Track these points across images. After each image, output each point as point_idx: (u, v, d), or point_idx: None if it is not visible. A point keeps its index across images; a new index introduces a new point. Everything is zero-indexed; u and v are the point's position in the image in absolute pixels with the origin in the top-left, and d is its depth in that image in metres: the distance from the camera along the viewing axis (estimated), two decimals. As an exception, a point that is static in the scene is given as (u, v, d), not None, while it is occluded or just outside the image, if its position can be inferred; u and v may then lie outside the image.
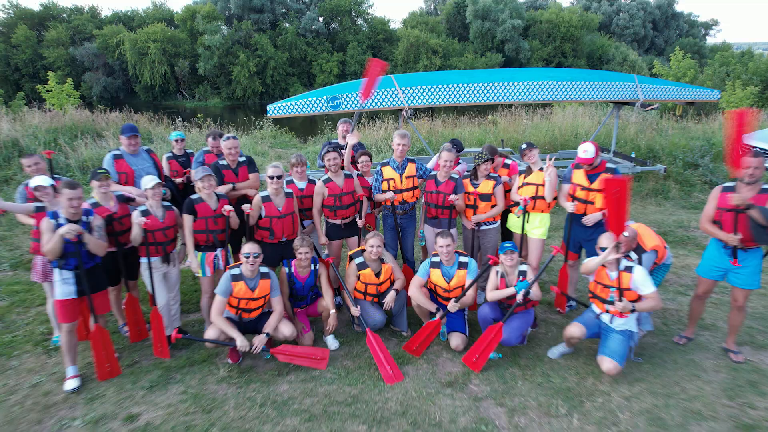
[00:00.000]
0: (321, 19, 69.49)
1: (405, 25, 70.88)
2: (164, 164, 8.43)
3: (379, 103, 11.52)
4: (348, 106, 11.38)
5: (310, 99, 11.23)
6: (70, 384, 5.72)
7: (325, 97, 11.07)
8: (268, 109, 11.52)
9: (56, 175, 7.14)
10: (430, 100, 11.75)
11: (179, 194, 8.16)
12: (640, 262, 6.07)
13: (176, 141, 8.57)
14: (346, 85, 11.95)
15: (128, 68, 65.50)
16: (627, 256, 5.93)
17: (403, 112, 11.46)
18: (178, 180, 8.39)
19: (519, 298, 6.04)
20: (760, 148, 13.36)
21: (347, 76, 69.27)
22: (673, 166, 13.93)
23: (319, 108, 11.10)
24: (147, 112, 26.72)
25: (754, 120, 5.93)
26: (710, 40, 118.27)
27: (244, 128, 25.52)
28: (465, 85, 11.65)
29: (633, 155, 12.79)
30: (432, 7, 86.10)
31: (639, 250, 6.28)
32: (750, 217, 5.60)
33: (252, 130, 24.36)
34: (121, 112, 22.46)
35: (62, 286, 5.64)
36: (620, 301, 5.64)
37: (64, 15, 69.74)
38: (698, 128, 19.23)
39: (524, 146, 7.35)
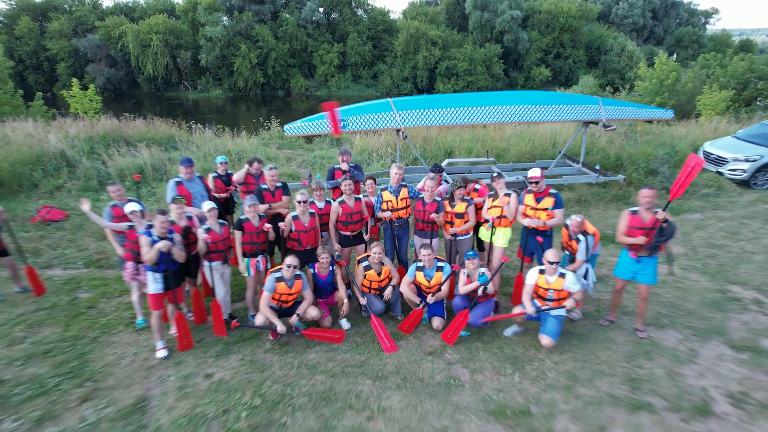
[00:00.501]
0: (321, 10, 70.83)
1: (405, 16, 72.26)
2: (210, 183, 10.76)
3: (379, 125, 13.83)
4: (354, 126, 13.64)
5: (321, 120, 13.47)
6: (161, 353, 8.13)
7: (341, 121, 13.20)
8: (285, 128, 13.78)
9: (131, 198, 9.51)
10: (422, 122, 14.08)
11: (223, 208, 10.52)
12: (586, 242, 8.50)
13: (220, 164, 10.89)
14: (353, 109, 14.12)
15: (131, 60, 67.18)
16: (576, 238, 8.46)
17: (400, 134, 13.70)
18: (222, 195, 10.73)
19: (479, 291, 8.50)
20: (717, 156, 15.49)
21: (347, 67, 71.05)
22: (636, 173, 15.92)
23: (329, 128, 13.28)
24: (157, 110, 28.85)
25: (699, 168, 7.98)
26: (710, 29, 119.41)
27: (254, 128, 27.49)
28: (454, 109, 13.95)
29: (597, 167, 15.00)
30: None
31: (584, 233, 8.68)
32: (659, 231, 7.90)
33: (260, 131, 26.31)
34: (145, 119, 24.49)
35: (154, 283, 8.03)
36: (557, 299, 8.07)
37: (65, 6, 71.00)
38: (672, 131, 21.29)
39: (495, 175, 9.72)
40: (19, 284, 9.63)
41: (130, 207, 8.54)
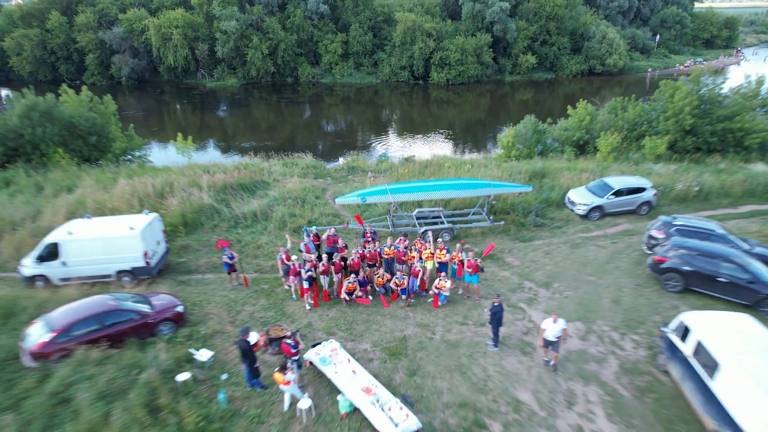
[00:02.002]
0: (325, 2, 77.36)
1: (402, 8, 78.86)
2: (310, 244, 19.62)
3: (378, 200, 21.95)
4: (370, 201, 21.56)
5: (353, 197, 21.44)
6: (308, 306, 16.03)
7: (360, 197, 21.19)
8: (336, 200, 21.67)
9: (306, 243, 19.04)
10: (403, 198, 22.46)
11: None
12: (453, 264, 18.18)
13: (308, 234, 19.86)
14: (368, 192, 21.67)
15: (152, 51, 74.65)
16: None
17: (391, 206, 22.23)
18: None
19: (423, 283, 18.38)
20: (570, 199, 23.75)
21: (350, 56, 78.48)
22: (517, 215, 21.69)
23: (356, 199, 21.40)
24: (183, 102, 37.52)
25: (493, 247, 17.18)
26: (700, 5, 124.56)
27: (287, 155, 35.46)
28: (422, 193, 22.13)
29: (491, 217, 22.85)
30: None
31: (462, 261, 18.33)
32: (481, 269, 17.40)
33: (293, 157, 33.66)
34: (254, 156, 33.08)
35: (305, 283, 17.43)
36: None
37: (88, -2, 77.53)
38: (573, 166, 29.07)
39: (424, 235, 19.28)
40: (232, 284, 16.92)
41: (309, 257, 17.79)
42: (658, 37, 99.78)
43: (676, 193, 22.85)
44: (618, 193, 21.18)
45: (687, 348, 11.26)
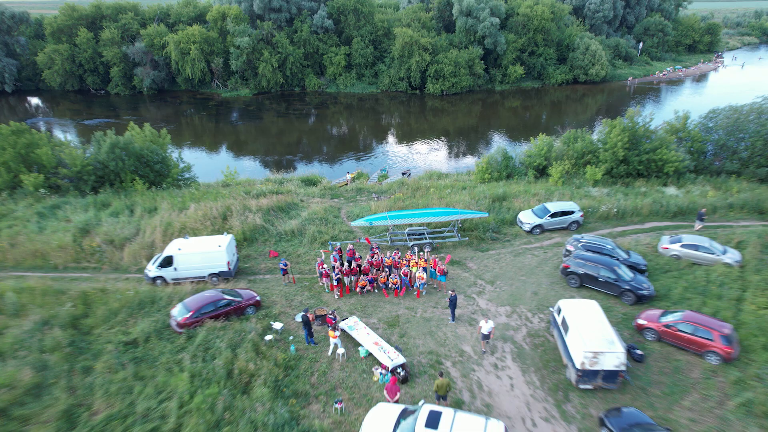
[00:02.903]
0: (330, 17, 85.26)
1: (401, 23, 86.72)
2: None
3: (381, 223, 30.52)
4: (375, 223, 30.17)
5: (363, 221, 29.97)
6: (336, 295, 26.35)
7: (368, 222, 29.63)
8: (351, 223, 30.82)
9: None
10: (400, 222, 31.23)
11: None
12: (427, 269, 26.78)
13: (333, 247, 28.51)
14: (373, 217, 30.33)
15: (171, 63, 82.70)
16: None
17: (389, 228, 31.00)
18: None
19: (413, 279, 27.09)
20: (520, 219, 32.54)
21: (353, 67, 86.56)
22: (479, 232, 31.81)
23: (365, 223, 30.05)
24: (202, 114, 46.04)
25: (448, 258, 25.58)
26: (685, 10, 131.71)
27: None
28: (411, 218, 30.62)
29: (459, 235, 31.57)
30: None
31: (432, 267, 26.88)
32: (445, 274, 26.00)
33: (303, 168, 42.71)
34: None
35: (334, 281, 26.24)
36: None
37: (110, 13, 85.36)
38: (530, 189, 38.35)
39: (415, 249, 27.86)
40: (285, 282, 25.79)
41: (336, 265, 26.34)
42: (641, 44, 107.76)
43: (600, 213, 31.47)
44: (554, 214, 29.83)
45: (559, 319, 19.98)
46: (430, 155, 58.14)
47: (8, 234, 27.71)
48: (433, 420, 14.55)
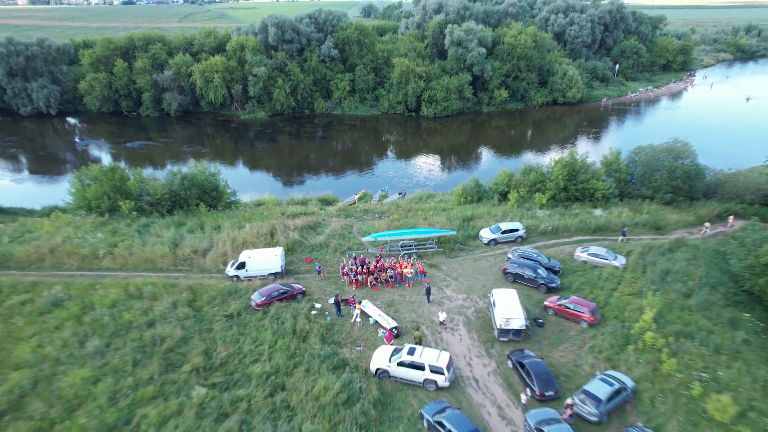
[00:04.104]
0: (335, 47, 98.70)
1: (398, 51, 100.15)
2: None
3: (383, 239, 43.78)
4: (379, 238, 43.45)
5: (371, 238, 43.36)
6: (353, 289, 40.01)
7: (373, 238, 43.00)
8: (362, 238, 44.10)
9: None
10: (396, 238, 44.49)
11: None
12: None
13: (349, 256, 41.73)
14: (377, 234, 43.82)
15: (196, 89, 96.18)
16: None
17: (387, 246, 44.30)
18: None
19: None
20: (479, 234, 45.98)
21: (356, 92, 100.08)
22: (450, 244, 45.34)
23: (372, 239, 43.39)
24: (226, 136, 59.86)
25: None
26: (666, 27, 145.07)
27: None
28: (404, 235, 43.89)
29: (436, 245, 44.81)
30: (421, 22, 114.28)
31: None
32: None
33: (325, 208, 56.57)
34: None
35: (351, 276, 39.75)
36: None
37: (141, 44, 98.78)
38: (492, 211, 51.76)
39: (404, 254, 41.26)
40: (319, 278, 39.57)
41: (353, 268, 39.56)
42: (617, 66, 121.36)
43: (540, 230, 44.91)
44: (504, 231, 43.28)
45: (491, 301, 33.38)
46: (423, 173, 71.67)
47: (124, 246, 41.08)
48: (411, 351, 27.95)
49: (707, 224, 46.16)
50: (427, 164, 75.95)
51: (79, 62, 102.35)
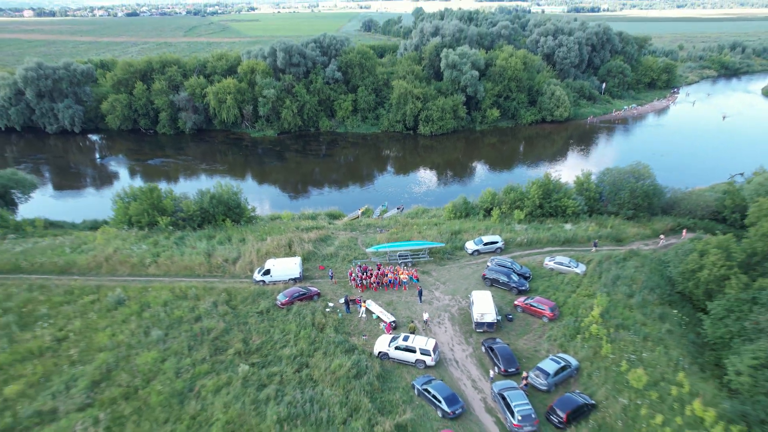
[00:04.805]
0: (339, 69, 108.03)
1: (397, 74, 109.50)
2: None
3: (384, 250, 52.87)
4: (382, 249, 52.37)
5: (374, 249, 52.29)
6: (359, 293, 48.84)
7: (375, 249, 51.92)
8: (366, 250, 52.94)
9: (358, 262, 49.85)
10: (395, 249, 53.30)
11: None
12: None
13: (355, 264, 50.62)
14: (381, 246, 52.81)
15: (209, 109, 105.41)
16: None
17: (387, 256, 53.16)
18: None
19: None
20: (464, 245, 54.74)
21: (358, 111, 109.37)
22: (440, 254, 54.20)
23: (374, 250, 52.32)
24: (238, 153, 69.06)
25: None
26: (655, 43, 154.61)
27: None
28: (401, 247, 52.78)
29: (427, 255, 53.67)
30: (419, 44, 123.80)
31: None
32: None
33: (334, 222, 65.61)
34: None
35: (358, 281, 48.71)
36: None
37: (158, 66, 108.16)
38: (478, 225, 60.70)
39: (401, 262, 50.11)
40: (331, 282, 48.45)
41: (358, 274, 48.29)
42: (604, 84, 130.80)
43: (516, 242, 53.78)
44: (486, 243, 52.17)
45: (471, 300, 42.18)
46: (421, 188, 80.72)
47: (166, 256, 49.88)
48: (406, 338, 36.73)
49: (662, 236, 55.12)
50: (424, 179, 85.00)
51: (98, 82, 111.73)
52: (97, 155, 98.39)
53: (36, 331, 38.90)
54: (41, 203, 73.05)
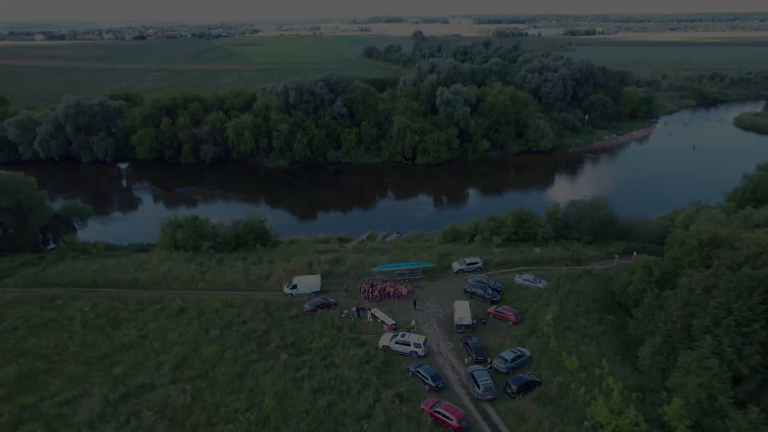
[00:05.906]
0: (344, 105, 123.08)
1: (397, 110, 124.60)
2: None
3: (385, 269, 66.85)
4: (382, 269, 66.49)
5: (378, 269, 66.35)
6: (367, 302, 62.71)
7: (380, 268, 66.02)
8: (372, 269, 66.98)
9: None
10: (395, 269, 67.21)
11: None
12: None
13: (364, 281, 64.39)
14: (384, 266, 66.89)
15: (228, 141, 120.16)
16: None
17: (389, 274, 67.32)
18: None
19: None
20: (450, 263, 68.93)
21: (362, 143, 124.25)
22: (431, 272, 68.21)
23: (378, 270, 66.26)
24: (255, 181, 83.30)
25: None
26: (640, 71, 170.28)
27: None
28: (400, 267, 66.79)
29: (422, 272, 67.67)
30: (417, 80, 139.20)
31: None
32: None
33: (344, 246, 79.66)
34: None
35: (367, 294, 62.70)
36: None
37: (182, 102, 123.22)
38: (464, 248, 74.57)
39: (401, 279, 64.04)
40: (344, 292, 63.14)
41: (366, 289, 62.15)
42: (587, 116, 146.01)
43: (494, 263, 67.79)
44: (468, 263, 66.24)
45: (453, 308, 56.03)
46: (418, 213, 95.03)
47: (212, 274, 63.79)
48: (403, 335, 50.60)
49: (616, 257, 69.12)
50: (421, 205, 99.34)
51: (123, 114, 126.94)
52: (125, 182, 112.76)
53: (123, 331, 52.65)
54: (89, 227, 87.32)
